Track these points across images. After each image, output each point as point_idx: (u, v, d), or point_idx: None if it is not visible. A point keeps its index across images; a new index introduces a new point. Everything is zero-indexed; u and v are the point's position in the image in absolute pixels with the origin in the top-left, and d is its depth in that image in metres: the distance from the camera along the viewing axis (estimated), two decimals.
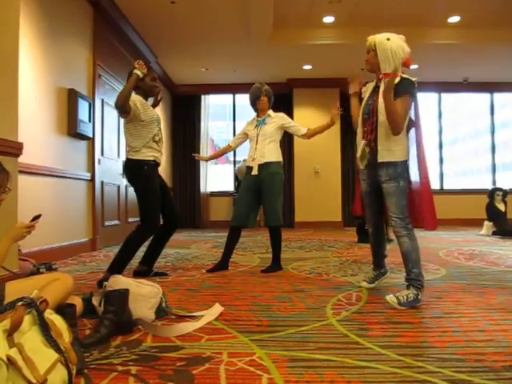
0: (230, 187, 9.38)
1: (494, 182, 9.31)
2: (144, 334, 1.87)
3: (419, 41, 6.40)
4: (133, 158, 3.12)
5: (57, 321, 1.35)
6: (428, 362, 1.52)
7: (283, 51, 7.06)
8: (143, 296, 2.06)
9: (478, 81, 8.67)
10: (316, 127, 3.59)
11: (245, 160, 4.38)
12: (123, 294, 1.94)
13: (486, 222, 6.73)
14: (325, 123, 3.51)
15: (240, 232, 3.61)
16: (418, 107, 2.53)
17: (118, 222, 5.80)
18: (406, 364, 1.51)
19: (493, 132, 9.47)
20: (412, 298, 2.28)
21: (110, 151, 5.65)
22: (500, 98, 9.49)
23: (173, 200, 3.42)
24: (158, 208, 3.19)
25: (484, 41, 6.58)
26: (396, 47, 2.42)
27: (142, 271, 3.28)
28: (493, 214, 6.64)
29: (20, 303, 1.26)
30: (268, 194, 3.49)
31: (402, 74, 2.44)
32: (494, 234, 6.43)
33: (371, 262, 2.91)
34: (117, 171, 5.81)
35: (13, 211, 2.60)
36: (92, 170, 5.00)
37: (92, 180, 5.00)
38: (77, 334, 1.64)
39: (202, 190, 9.11)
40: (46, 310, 1.34)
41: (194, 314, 2.16)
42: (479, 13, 5.99)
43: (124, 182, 5.88)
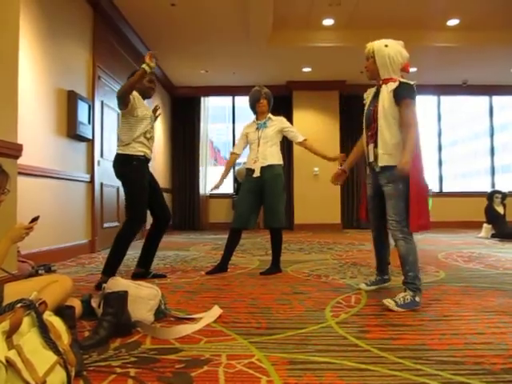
0: (229, 189, 9.37)
1: (493, 185, 9.33)
2: (143, 336, 1.87)
3: (418, 43, 6.43)
4: (123, 152, 3.11)
5: (56, 323, 1.35)
6: (427, 365, 1.52)
7: (283, 53, 7.08)
8: (142, 298, 2.06)
9: (477, 83, 8.70)
10: (317, 149, 3.58)
11: (244, 163, 4.38)
12: (122, 296, 1.94)
13: (484, 225, 6.73)
14: (326, 154, 3.52)
15: (240, 234, 3.61)
16: (415, 109, 2.55)
17: (117, 223, 5.78)
18: (404, 366, 1.51)
19: (492, 134, 9.49)
20: (409, 300, 2.29)
21: (110, 153, 5.63)
22: (499, 100, 9.50)
23: (163, 198, 3.39)
24: (145, 203, 3.16)
25: (483, 43, 6.61)
26: (394, 53, 2.45)
27: (140, 273, 3.27)
28: (492, 216, 6.65)
29: (19, 305, 1.26)
30: (270, 195, 3.49)
31: (400, 78, 2.47)
32: (493, 236, 6.44)
33: (374, 267, 2.93)
34: None
35: (12, 212, 2.60)
36: (91, 171, 5.00)
37: (91, 182, 5.00)
38: (76, 335, 1.64)
39: (202, 191, 9.12)
40: (45, 311, 1.34)
41: (192, 316, 2.16)
42: (478, 15, 6.02)
43: None
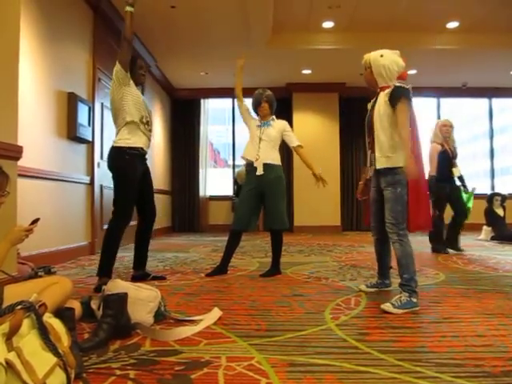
0: (229, 191, 9.37)
1: (493, 187, 9.32)
2: (142, 338, 1.87)
3: (418, 46, 6.45)
4: (117, 145, 3.08)
5: (55, 324, 1.35)
6: (427, 367, 1.52)
7: (282, 56, 7.09)
8: (142, 300, 2.06)
9: (477, 86, 8.70)
10: (307, 159, 3.60)
11: (244, 165, 4.38)
12: (122, 298, 1.93)
13: (484, 227, 6.73)
14: (312, 167, 3.56)
15: (241, 236, 3.60)
16: (413, 110, 2.57)
17: None
18: (404, 369, 1.51)
19: (491, 137, 9.49)
20: (405, 301, 2.31)
21: None
22: (499, 102, 9.52)
23: (152, 195, 3.36)
24: (133, 199, 3.12)
25: (483, 46, 6.62)
26: (389, 62, 2.53)
27: (139, 276, 3.27)
28: (491, 218, 6.64)
29: (19, 307, 1.26)
30: (273, 197, 3.48)
31: (395, 83, 2.53)
32: (493, 238, 6.43)
33: (375, 270, 2.93)
34: None
35: (12, 214, 2.60)
36: (91, 173, 5.00)
37: (91, 184, 5.00)
38: (75, 337, 1.64)
39: (202, 193, 9.11)
40: (44, 313, 1.34)
41: (192, 318, 2.16)
42: (478, 18, 6.03)
43: None
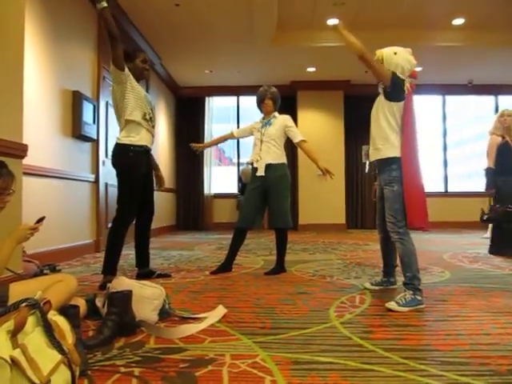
0: (233, 189, 9.37)
1: None
2: (147, 335, 1.87)
3: (423, 43, 6.40)
4: (121, 142, 3.07)
5: (60, 322, 1.35)
6: (432, 366, 1.51)
7: (287, 53, 7.07)
8: (146, 297, 2.06)
9: (483, 83, 8.64)
10: (312, 153, 3.53)
11: (248, 163, 4.37)
12: (126, 296, 1.94)
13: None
14: (318, 162, 3.46)
15: (245, 234, 3.60)
16: (413, 105, 2.53)
17: None
18: (409, 367, 1.50)
19: None
20: (410, 299, 2.30)
21: None
22: (505, 100, 9.44)
23: (153, 193, 3.35)
24: (137, 197, 3.12)
25: (488, 43, 6.57)
26: (402, 61, 2.50)
27: (144, 273, 3.27)
28: None
29: (24, 304, 1.26)
30: (276, 195, 3.48)
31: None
32: None
33: (380, 268, 2.93)
34: None
35: (17, 213, 2.61)
36: (96, 171, 5.02)
37: (96, 182, 5.02)
38: (80, 335, 1.64)
39: (206, 191, 9.12)
40: (49, 311, 1.35)
41: (197, 316, 2.16)
42: (484, 15, 5.98)
43: None
